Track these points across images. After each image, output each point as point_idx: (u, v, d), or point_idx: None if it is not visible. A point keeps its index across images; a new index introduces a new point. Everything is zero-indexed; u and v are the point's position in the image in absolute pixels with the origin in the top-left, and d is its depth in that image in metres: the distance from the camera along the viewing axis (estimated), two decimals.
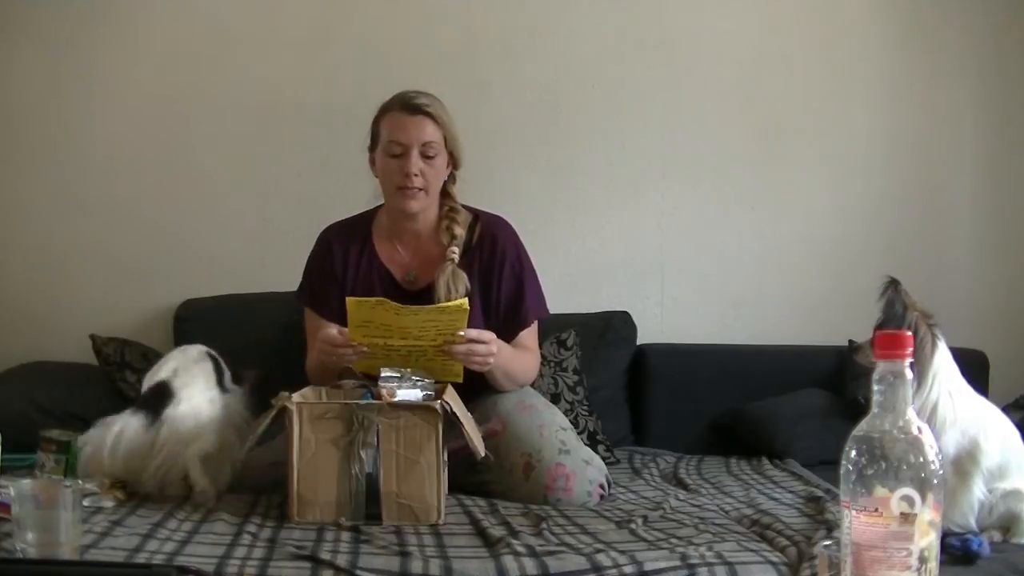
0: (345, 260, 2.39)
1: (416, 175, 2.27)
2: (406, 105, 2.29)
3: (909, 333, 1.18)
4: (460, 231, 2.35)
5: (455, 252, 2.31)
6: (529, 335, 2.39)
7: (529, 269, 2.40)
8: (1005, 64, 3.31)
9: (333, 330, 2.14)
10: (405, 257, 2.40)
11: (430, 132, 2.28)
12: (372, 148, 2.37)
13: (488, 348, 2.12)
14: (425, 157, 2.28)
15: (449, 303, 2.11)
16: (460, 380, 2.18)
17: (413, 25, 3.13)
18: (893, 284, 1.88)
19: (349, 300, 2.10)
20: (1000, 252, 3.33)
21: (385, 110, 2.34)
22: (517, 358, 2.31)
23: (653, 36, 3.21)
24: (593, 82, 3.19)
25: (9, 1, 3.02)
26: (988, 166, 3.33)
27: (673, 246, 3.23)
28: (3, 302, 3.02)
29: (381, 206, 2.44)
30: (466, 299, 2.11)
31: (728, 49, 3.24)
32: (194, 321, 2.94)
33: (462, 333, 2.08)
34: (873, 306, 1.92)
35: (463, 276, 2.30)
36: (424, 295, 2.31)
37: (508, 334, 2.32)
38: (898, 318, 1.85)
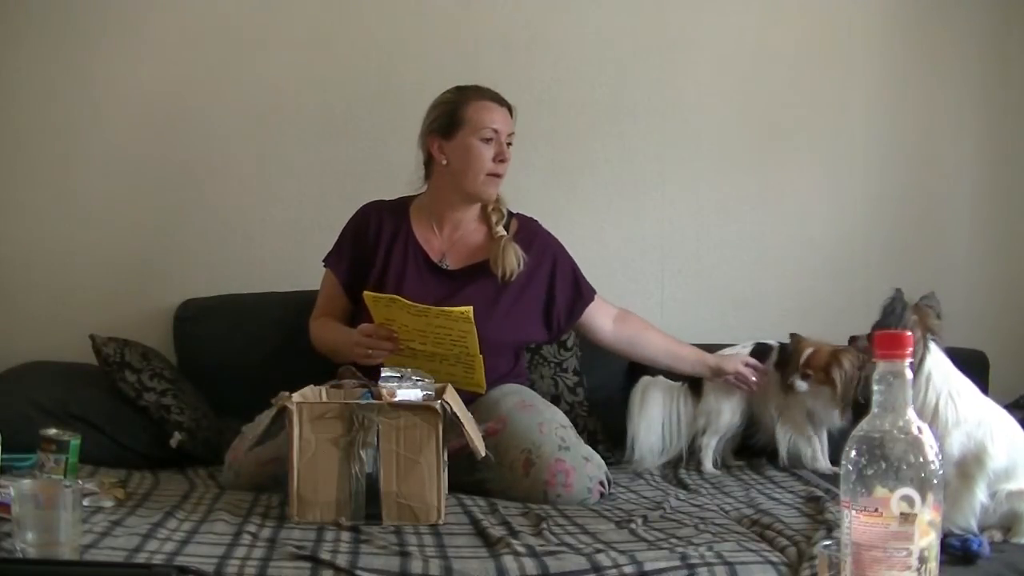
0: (379, 231, 2.44)
1: (507, 162, 2.38)
2: (494, 96, 2.39)
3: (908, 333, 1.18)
4: (505, 209, 2.48)
5: (502, 230, 2.41)
6: (605, 303, 2.57)
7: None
8: (1005, 64, 3.31)
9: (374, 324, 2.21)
10: (441, 240, 2.42)
11: (512, 126, 2.39)
12: (444, 133, 2.39)
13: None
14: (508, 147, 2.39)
15: (452, 309, 2.13)
16: (482, 391, 2.19)
17: (413, 25, 3.12)
18: (931, 294, 1.92)
19: (366, 295, 2.15)
20: (1000, 252, 3.33)
21: (469, 97, 2.39)
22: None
23: (653, 36, 3.21)
24: (593, 82, 3.19)
25: (9, 1, 3.02)
26: (988, 166, 3.33)
27: (673, 246, 3.23)
28: (3, 302, 3.01)
29: (420, 194, 2.49)
30: (470, 308, 2.12)
31: (728, 49, 3.23)
32: (194, 321, 2.93)
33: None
34: (873, 306, 1.92)
35: (517, 248, 2.39)
36: (456, 276, 2.37)
37: (577, 312, 2.49)
38: (896, 315, 1.85)
